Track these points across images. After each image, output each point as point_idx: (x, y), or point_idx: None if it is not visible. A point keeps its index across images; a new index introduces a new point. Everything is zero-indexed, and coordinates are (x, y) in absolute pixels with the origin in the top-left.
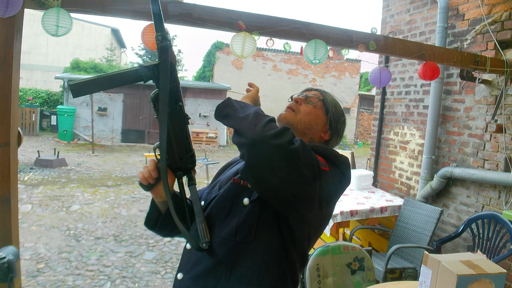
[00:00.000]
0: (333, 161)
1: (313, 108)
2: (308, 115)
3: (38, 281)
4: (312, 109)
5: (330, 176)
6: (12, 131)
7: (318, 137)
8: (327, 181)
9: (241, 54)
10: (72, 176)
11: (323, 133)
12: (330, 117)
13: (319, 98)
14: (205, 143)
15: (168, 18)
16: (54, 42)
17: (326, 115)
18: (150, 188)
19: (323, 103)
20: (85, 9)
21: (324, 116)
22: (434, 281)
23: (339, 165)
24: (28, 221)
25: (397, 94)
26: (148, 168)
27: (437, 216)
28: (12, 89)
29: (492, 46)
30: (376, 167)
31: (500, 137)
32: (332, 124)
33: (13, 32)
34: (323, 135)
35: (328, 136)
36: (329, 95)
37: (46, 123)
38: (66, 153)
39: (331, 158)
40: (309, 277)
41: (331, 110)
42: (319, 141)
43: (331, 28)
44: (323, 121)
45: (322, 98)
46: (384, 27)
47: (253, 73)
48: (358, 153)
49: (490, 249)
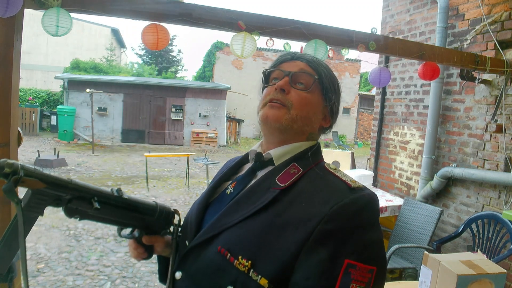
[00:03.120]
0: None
1: (307, 94)
2: (304, 106)
3: (38, 281)
4: (306, 96)
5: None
6: (12, 131)
7: (317, 127)
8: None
9: (241, 54)
10: (72, 176)
11: (323, 121)
12: (331, 100)
13: (313, 77)
14: (205, 143)
15: (168, 18)
16: (54, 42)
17: (324, 96)
18: (151, 255)
19: (320, 83)
20: (85, 9)
21: (322, 99)
22: (434, 281)
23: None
24: None
25: (397, 94)
26: (133, 251)
27: (437, 216)
28: (12, 89)
29: (492, 46)
30: (376, 167)
31: (500, 137)
32: (334, 108)
33: (13, 32)
34: (323, 124)
35: (329, 123)
36: (321, 63)
37: (46, 123)
38: (66, 153)
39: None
40: None
41: (331, 89)
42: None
43: (331, 28)
44: (322, 106)
45: (317, 77)
46: (384, 27)
47: (253, 73)
48: (358, 153)
49: (490, 249)
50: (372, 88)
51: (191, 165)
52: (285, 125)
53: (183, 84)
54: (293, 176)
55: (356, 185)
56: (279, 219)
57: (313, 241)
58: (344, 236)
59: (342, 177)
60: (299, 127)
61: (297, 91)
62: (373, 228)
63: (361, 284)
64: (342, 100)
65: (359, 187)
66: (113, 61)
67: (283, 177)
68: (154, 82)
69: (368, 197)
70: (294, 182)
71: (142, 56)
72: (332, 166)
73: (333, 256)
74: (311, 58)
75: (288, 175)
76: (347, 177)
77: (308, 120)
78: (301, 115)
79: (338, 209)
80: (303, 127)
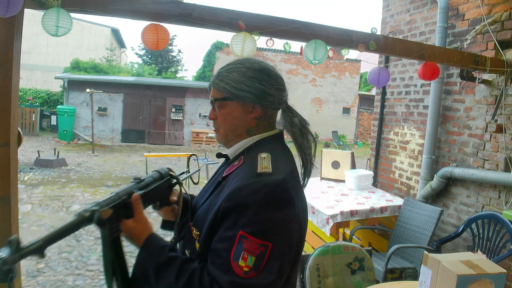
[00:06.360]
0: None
1: (224, 111)
2: (227, 121)
3: (38, 281)
4: (224, 113)
5: (277, 245)
6: (12, 131)
7: (252, 123)
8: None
9: (241, 54)
10: (72, 176)
11: (250, 114)
12: (245, 98)
13: (221, 98)
14: (205, 143)
15: (168, 18)
16: (54, 42)
17: (235, 100)
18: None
19: (224, 95)
20: (85, 9)
21: (236, 103)
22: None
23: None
24: (28, 221)
25: (397, 94)
26: (165, 215)
27: (437, 216)
28: (12, 89)
29: (492, 46)
30: (376, 167)
31: (500, 137)
32: (248, 97)
33: (13, 32)
34: (252, 116)
35: (259, 111)
36: (224, 76)
37: (46, 123)
38: (66, 153)
39: (266, 223)
40: (309, 277)
41: (241, 89)
42: (257, 124)
43: (331, 28)
44: (240, 108)
45: (220, 95)
46: (384, 27)
47: None
48: (358, 153)
49: (490, 249)
50: (372, 88)
51: (191, 165)
52: (223, 141)
53: (183, 84)
54: (234, 167)
55: (264, 170)
56: (214, 200)
57: (220, 215)
58: (241, 211)
59: (259, 164)
60: (232, 135)
61: (219, 113)
62: (272, 207)
63: (252, 255)
64: (342, 100)
65: (266, 173)
66: (113, 61)
67: (228, 169)
68: (154, 82)
69: (268, 180)
70: (232, 171)
71: (142, 56)
72: (263, 155)
73: (232, 227)
74: (216, 79)
75: (232, 167)
76: (265, 164)
77: (234, 127)
78: (227, 128)
79: (235, 190)
80: (234, 132)
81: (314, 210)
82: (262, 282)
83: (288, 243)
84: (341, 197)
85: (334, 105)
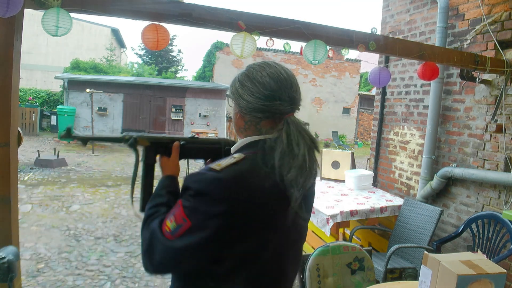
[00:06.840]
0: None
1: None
2: (234, 122)
3: (38, 281)
4: (234, 115)
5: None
6: (12, 131)
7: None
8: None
9: (241, 54)
10: (72, 176)
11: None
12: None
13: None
14: None
15: (168, 18)
16: (54, 42)
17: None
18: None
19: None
20: (85, 9)
21: (236, 108)
22: (434, 281)
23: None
24: (28, 221)
25: (397, 94)
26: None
27: (437, 216)
28: (12, 89)
29: (492, 46)
30: (376, 167)
31: (500, 137)
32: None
33: (13, 32)
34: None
35: (242, 120)
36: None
37: (46, 123)
38: (66, 153)
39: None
40: (309, 277)
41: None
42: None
43: (331, 28)
44: (234, 108)
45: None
46: (384, 27)
47: None
48: (358, 153)
49: (490, 249)
50: (372, 88)
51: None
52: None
53: (183, 84)
54: None
55: (214, 167)
56: None
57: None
58: (185, 190)
59: (220, 161)
60: (235, 132)
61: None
62: (203, 198)
63: (176, 221)
64: (342, 100)
65: (213, 169)
66: (113, 61)
67: None
68: (154, 82)
69: (208, 176)
70: None
71: (142, 56)
72: (236, 155)
73: (180, 197)
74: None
75: None
76: (223, 162)
77: (234, 124)
78: (235, 129)
79: (188, 176)
80: (235, 129)
81: (314, 210)
82: (171, 246)
83: (206, 233)
84: (341, 197)
85: (334, 105)
